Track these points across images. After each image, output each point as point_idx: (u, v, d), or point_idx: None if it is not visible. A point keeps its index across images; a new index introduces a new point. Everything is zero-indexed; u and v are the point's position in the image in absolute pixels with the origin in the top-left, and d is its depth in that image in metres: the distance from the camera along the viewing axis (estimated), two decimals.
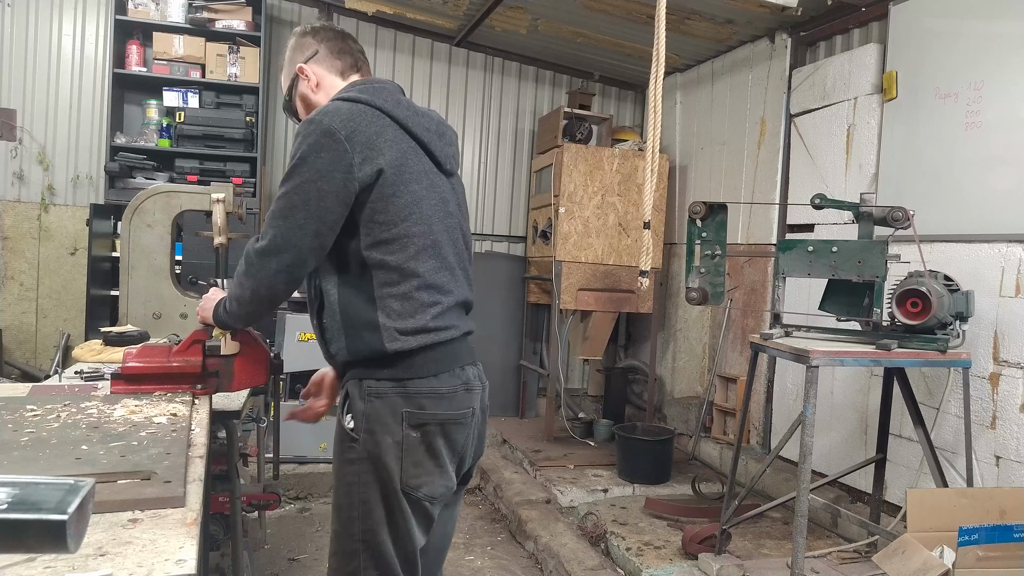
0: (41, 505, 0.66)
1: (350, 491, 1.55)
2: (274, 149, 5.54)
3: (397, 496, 1.54)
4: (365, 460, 1.54)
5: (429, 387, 1.56)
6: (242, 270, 1.57)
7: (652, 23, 2.99)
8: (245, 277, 1.57)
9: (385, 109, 1.59)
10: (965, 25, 3.22)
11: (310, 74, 1.76)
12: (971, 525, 2.32)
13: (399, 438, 1.53)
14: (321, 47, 1.78)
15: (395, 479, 1.53)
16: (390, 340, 1.53)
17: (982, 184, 3.10)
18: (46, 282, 5.12)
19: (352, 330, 1.56)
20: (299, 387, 4.37)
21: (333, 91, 1.73)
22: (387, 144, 1.55)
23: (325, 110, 1.55)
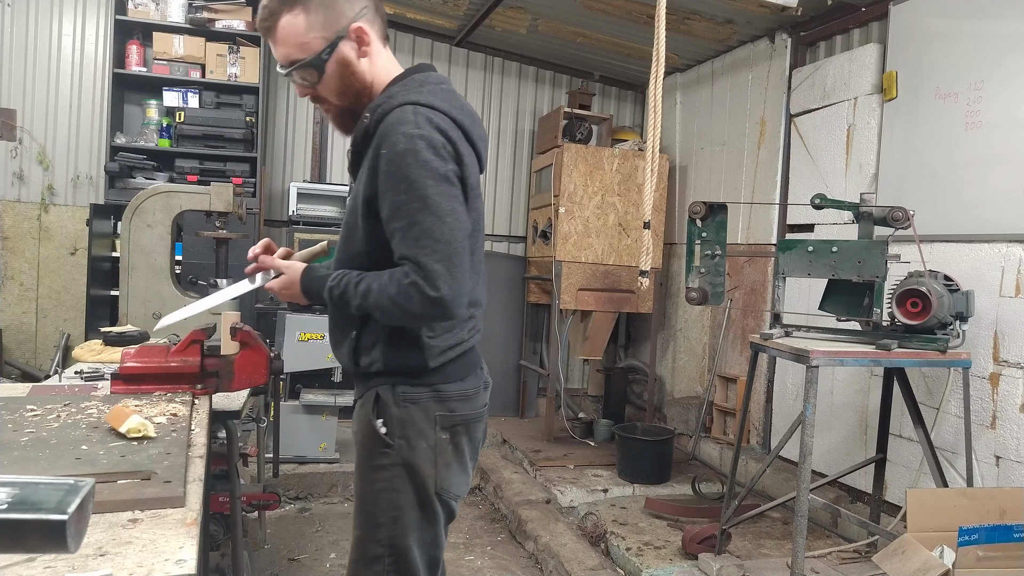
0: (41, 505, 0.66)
1: (379, 497, 1.52)
2: (274, 149, 5.54)
3: (431, 500, 1.53)
4: (399, 466, 1.51)
5: (459, 390, 1.56)
6: (401, 304, 1.40)
7: (652, 23, 2.99)
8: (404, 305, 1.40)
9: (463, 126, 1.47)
10: (965, 25, 3.22)
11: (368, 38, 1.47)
12: (971, 525, 2.32)
13: (433, 442, 1.52)
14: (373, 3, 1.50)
15: (430, 483, 1.52)
16: (432, 358, 1.52)
17: (982, 184, 3.10)
18: (46, 282, 5.12)
19: (393, 347, 1.51)
20: (299, 387, 4.39)
21: (383, 63, 1.50)
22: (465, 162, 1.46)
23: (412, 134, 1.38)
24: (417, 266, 1.37)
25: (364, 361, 1.53)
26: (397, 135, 1.38)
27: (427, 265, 1.36)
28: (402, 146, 1.37)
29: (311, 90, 1.49)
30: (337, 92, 1.48)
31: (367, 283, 1.43)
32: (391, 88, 1.48)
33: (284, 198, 5.41)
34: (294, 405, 4.09)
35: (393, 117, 1.41)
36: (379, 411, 1.52)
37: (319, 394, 4.17)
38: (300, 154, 5.61)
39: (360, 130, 1.48)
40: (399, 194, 1.37)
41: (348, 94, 1.49)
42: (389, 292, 1.39)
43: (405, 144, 1.37)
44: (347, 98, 1.50)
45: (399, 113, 1.41)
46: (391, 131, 1.39)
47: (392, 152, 1.37)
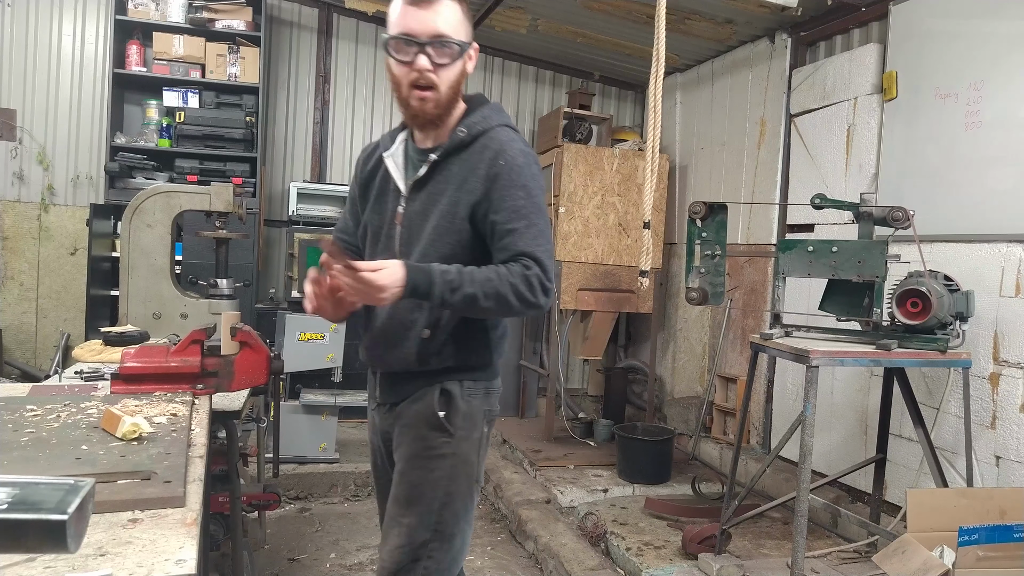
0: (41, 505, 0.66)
1: (436, 485, 1.61)
2: (274, 149, 5.54)
3: (473, 489, 1.67)
4: (455, 456, 1.63)
5: (497, 387, 1.74)
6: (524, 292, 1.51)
7: (652, 23, 2.99)
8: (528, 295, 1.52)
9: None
10: (965, 25, 3.22)
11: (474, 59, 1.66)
12: (971, 525, 2.32)
13: (479, 435, 1.68)
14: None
15: (474, 472, 1.67)
16: (497, 355, 1.71)
17: (982, 184, 3.10)
18: (46, 282, 5.13)
19: (465, 346, 1.64)
20: (299, 387, 4.38)
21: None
22: None
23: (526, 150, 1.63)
24: (536, 262, 1.53)
25: (435, 361, 1.63)
26: (515, 151, 1.60)
27: (543, 261, 1.54)
28: (521, 160, 1.59)
29: (431, 70, 1.56)
30: (450, 84, 1.59)
31: (486, 273, 1.52)
32: (480, 111, 1.66)
33: (284, 198, 5.41)
34: (294, 405, 4.09)
35: (501, 135, 1.62)
36: (445, 404, 1.63)
37: (319, 394, 4.17)
38: (300, 154, 5.62)
39: (455, 141, 1.62)
40: (518, 199, 1.56)
41: (453, 91, 1.61)
42: (513, 281, 1.51)
43: (523, 159, 1.60)
44: (451, 93, 1.61)
45: (503, 132, 1.63)
46: (505, 148, 1.60)
47: (512, 164, 1.58)
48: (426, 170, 1.64)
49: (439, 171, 1.64)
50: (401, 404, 1.69)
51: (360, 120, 5.74)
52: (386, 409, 1.75)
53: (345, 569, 3.22)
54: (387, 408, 1.74)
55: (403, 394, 1.68)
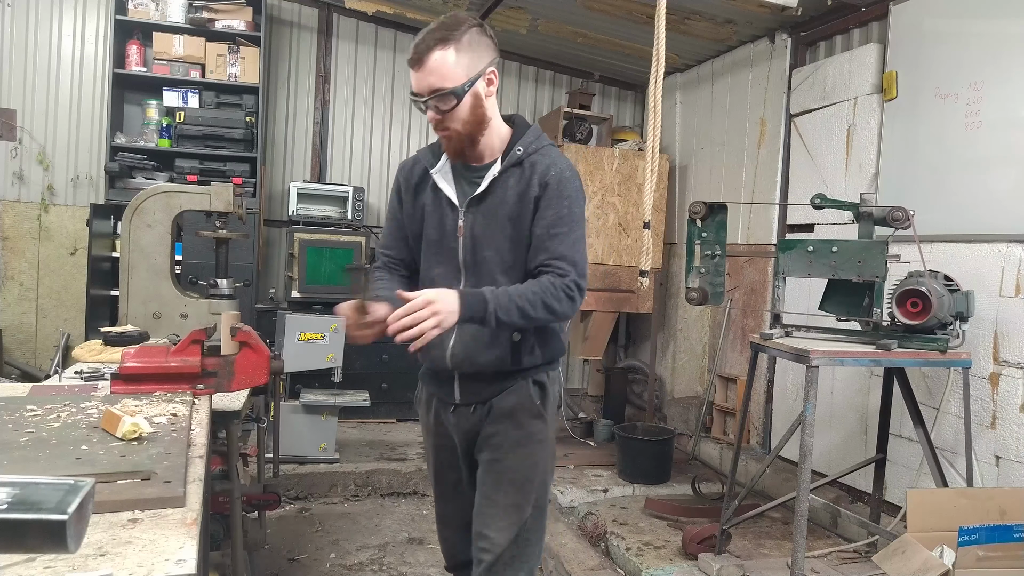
0: (41, 505, 0.66)
1: (536, 467, 1.82)
2: (274, 149, 5.54)
3: (555, 461, 1.91)
4: (548, 440, 1.85)
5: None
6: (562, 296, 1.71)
7: (652, 23, 2.99)
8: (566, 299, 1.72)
9: None
10: (965, 25, 3.22)
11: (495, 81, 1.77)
12: (971, 525, 2.32)
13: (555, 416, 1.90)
14: (498, 56, 1.79)
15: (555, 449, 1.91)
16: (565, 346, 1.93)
17: (982, 184, 3.10)
18: (46, 282, 5.12)
19: (546, 342, 1.84)
20: (299, 387, 4.38)
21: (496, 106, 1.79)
22: None
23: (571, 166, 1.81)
24: (573, 265, 1.74)
25: (527, 360, 1.81)
26: (563, 167, 1.78)
27: (580, 264, 1.76)
28: (568, 174, 1.78)
29: (440, 117, 1.71)
30: (464, 120, 1.72)
31: (528, 288, 1.70)
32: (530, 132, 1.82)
33: (284, 198, 5.41)
34: (294, 405, 4.09)
35: (551, 153, 1.80)
36: (539, 394, 1.83)
37: (319, 394, 4.17)
38: (300, 154, 5.62)
39: (514, 159, 1.78)
40: (563, 208, 1.74)
41: (472, 123, 1.73)
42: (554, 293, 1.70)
43: (570, 174, 1.78)
44: (470, 127, 1.73)
45: (552, 151, 1.81)
46: (555, 163, 1.77)
47: (561, 177, 1.76)
48: (486, 186, 1.77)
49: (496, 186, 1.78)
50: (494, 400, 1.82)
51: (360, 120, 5.74)
52: (470, 409, 1.85)
53: (345, 569, 3.22)
54: (472, 408, 1.85)
55: (496, 391, 1.82)
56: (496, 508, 1.79)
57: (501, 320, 1.66)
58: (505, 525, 1.78)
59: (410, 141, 5.86)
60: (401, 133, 5.84)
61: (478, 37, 1.72)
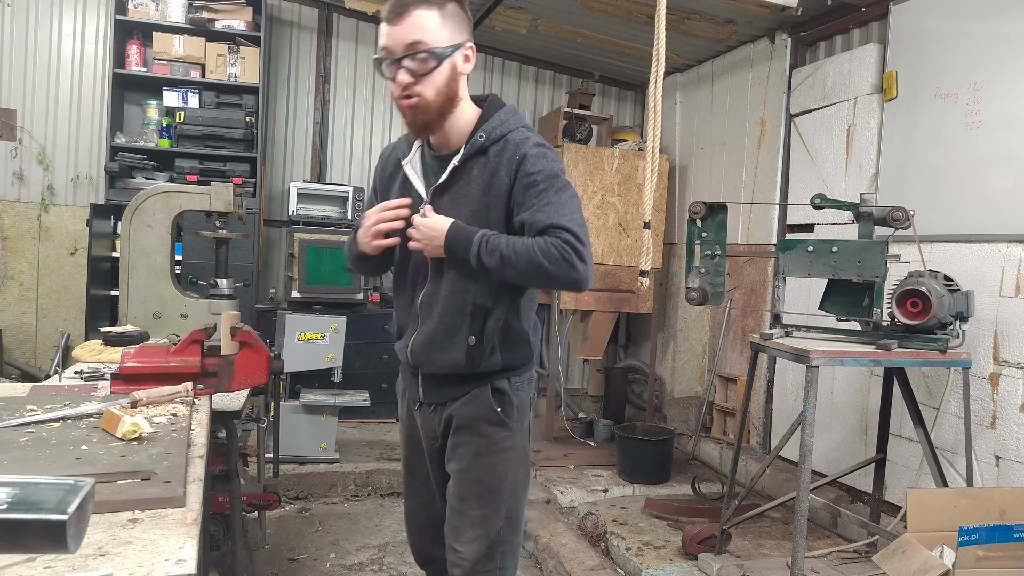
0: (41, 505, 0.66)
1: (504, 477, 1.74)
2: (274, 149, 5.54)
3: (529, 472, 1.82)
4: (515, 447, 1.75)
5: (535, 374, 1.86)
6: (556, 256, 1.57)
7: (652, 23, 2.99)
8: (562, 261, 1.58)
9: None
10: (965, 25, 3.22)
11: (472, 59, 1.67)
12: (971, 525, 2.32)
13: (528, 422, 1.81)
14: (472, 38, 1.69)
15: (529, 457, 1.82)
16: (534, 352, 1.82)
17: (982, 184, 3.10)
18: (46, 282, 5.12)
19: (509, 348, 1.74)
20: (299, 387, 4.38)
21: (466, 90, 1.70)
22: None
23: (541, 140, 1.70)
24: (573, 235, 1.58)
25: (484, 364, 1.71)
26: (529, 145, 1.65)
27: (580, 235, 1.59)
28: (535, 151, 1.65)
29: (412, 81, 1.59)
30: (438, 90, 1.61)
31: (522, 241, 1.59)
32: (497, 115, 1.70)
33: (284, 198, 5.41)
34: (294, 405, 4.09)
35: (516, 135, 1.67)
36: (499, 401, 1.73)
37: (319, 394, 4.17)
38: (300, 154, 5.62)
39: (475, 146, 1.67)
40: (537, 185, 1.62)
41: (444, 95, 1.62)
42: (550, 253, 1.56)
43: (537, 150, 1.65)
44: (441, 99, 1.62)
45: (518, 134, 1.68)
46: (523, 144, 1.66)
47: (528, 156, 1.64)
48: (447, 176, 1.69)
49: (460, 175, 1.69)
50: (452, 404, 1.75)
51: (360, 120, 5.74)
52: (431, 409, 1.81)
53: (345, 569, 3.22)
54: (432, 408, 1.80)
55: (453, 395, 1.75)
56: (464, 520, 1.73)
57: (484, 261, 1.60)
58: (473, 537, 1.72)
59: None
60: (401, 133, 5.82)
61: (460, 11, 1.64)
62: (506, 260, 1.58)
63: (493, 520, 1.73)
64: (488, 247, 1.60)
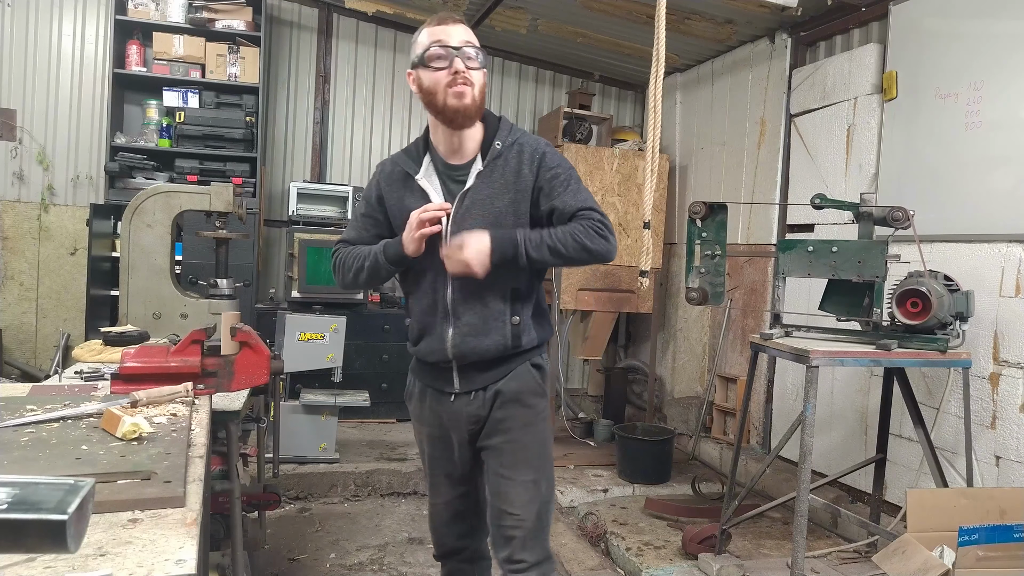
0: (41, 505, 0.66)
1: (545, 442, 1.95)
2: (274, 149, 5.54)
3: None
4: (547, 413, 1.97)
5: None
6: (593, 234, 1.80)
7: (652, 23, 2.99)
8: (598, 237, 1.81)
9: None
10: (965, 25, 3.22)
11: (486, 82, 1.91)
12: (971, 525, 2.32)
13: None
14: None
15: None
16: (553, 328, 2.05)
17: (982, 184, 3.10)
18: (46, 282, 5.12)
19: (540, 322, 1.96)
20: (299, 387, 4.38)
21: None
22: None
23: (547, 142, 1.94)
24: (600, 214, 1.84)
25: (525, 340, 1.90)
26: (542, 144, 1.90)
27: (603, 214, 1.86)
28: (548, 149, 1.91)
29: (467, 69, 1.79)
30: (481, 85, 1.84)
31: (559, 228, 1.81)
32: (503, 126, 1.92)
33: (284, 198, 5.41)
34: (294, 405, 4.09)
35: (527, 139, 1.91)
36: (541, 374, 1.95)
37: (319, 394, 4.17)
38: (300, 154, 5.62)
39: (495, 153, 1.87)
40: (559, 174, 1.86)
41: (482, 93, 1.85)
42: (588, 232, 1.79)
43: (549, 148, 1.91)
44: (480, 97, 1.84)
45: (527, 136, 1.93)
46: (538, 145, 1.90)
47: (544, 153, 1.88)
48: (474, 180, 1.85)
49: (482, 180, 1.86)
50: (497, 384, 1.90)
51: (360, 120, 5.74)
52: (470, 396, 1.92)
53: (345, 569, 3.22)
54: (472, 394, 1.92)
55: (498, 376, 1.90)
56: (517, 486, 1.89)
57: (531, 256, 1.77)
58: (529, 500, 1.88)
59: (410, 141, 5.84)
60: (401, 133, 5.84)
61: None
62: (553, 249, 1.78)
63: (541, 482, 1.91)
64: (532, 243, 1.78)
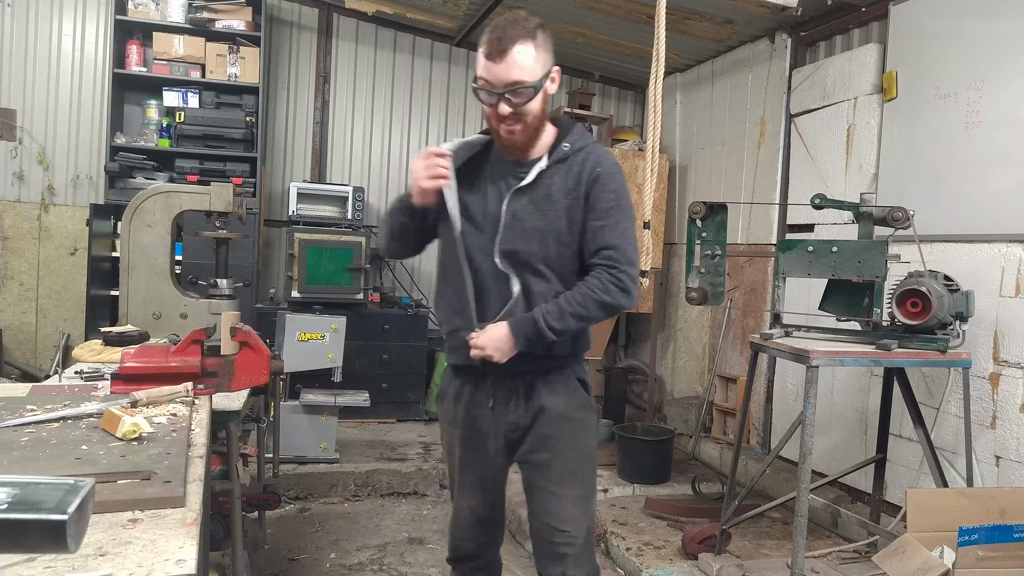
0: (41, 505, 0.66)
1: (591, 454, 1.94)
2: (274, 149, 5.54)
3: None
4: (593, 426, 1.96)
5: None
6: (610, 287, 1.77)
7: (652, 23, 2.99)
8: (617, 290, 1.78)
9: None
10: (965, 25, 3.22)
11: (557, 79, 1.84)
12: (971, 525, 2.32)
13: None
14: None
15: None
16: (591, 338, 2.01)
17: (982, 184, 3.10)
18: (46, 282, 5.12)
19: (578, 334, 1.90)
20: (299, 387, 4.38)
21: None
22: None
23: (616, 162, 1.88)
24: (621, 252, 1.79)
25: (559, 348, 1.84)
26: (609, 163, 1.84)
27: (629, 253, 1.81)
28: (612, 170, 1.84)
29: (512, 111, 1.75)
30: (534, 116, 1.78)
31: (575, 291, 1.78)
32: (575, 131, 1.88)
33: (284, 198, 5.41)
34: (294, 405, 4.09)
35: (596, 150, 1.86)
36: (586, 389, 1.94)
37: (319, 394, 4.17)
38: (300, 154, 5.62)
39: (561, 154, 1.83)
40: (609, 201, 1.80)
41: (539, 119, 1.80)
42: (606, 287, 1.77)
43: (615, 169, 1.85)
44: (537, 121, 1.80)
45: (598, 148, 1.88)
46: (601, 160, 1.83)
47: (607, 172, 1.82)
48: (533, 178, 1.81)
49: (541, 179, 1.82)
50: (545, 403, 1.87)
51: (360, 120, 5.74)
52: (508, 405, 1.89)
53: (345, 569, 3.22)
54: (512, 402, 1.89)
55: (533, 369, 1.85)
56: (566, 502, 1.88)
57: (555, 328, 1.75)
58: (579, 516, 1.89)
59: (410, 141, 5.86)
60: (401, 133, 5.84)
61: (546, 36, 1.79)
62: (576, 315, 1.76)
63: (591, 495, 1.94)
64: (553, 315, 1.76)
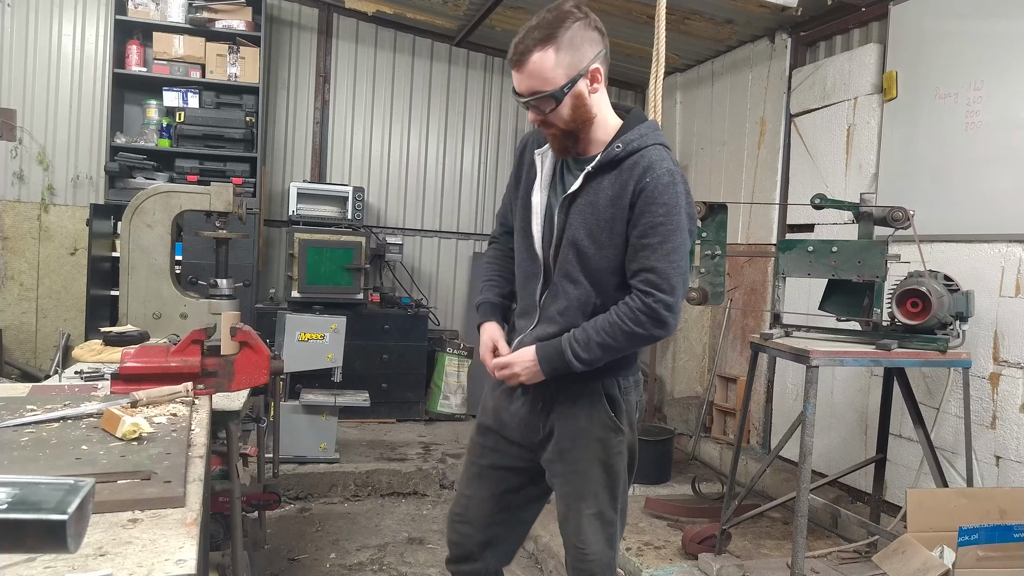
0: (41, 505, 0.66)
1: (618, 477, 1.83)
2: (274, 149, 5.54)
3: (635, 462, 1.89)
4: (628, 450, 1.84)
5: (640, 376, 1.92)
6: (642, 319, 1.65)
7: (652, 23, 2.99)
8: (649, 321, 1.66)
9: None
10: (965, 25, 3.22)
11: (600, 77, 1.71)
12: (971, 525, 2.32)
13: (636, 424, 1.87)
14: (606, 47, 1.74)
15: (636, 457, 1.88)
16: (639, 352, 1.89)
17: (982, 184, 3.10)
18: (46, 282, 5.12)
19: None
20: (299, 387, 4.38)
21: (604, 98, 1.75)
22: None
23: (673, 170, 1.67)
24: (662, 277, 1.64)
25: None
26: (662, 170, 1.65)
27: (671, 278, 1.65)
28: (666, 179, 1.64)
29: (543, 116, 1.68)
30: (565, 122, 1.68)
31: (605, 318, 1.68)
32: (637, 128, 1.72)
33: (284, 198, 5.41)
34: (294, 405, 4.09)
35: (652, 153, 1.68)
36: (614, 408, 1.79)
37: (319, 394, 4.17)
38: (300, 154, 5.62)
39: (610, 156, 1.69)
40: (657, 216, 1.64)
41: (576, 122, 1.69)
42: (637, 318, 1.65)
43: (668, 178, 1.65)
44: (574, 125, 1.69)
45: (655, 151, 1.68)
46: (655, 165, 1.65)
47: (657, 182, 1.64)
48: (580, 183, 1.71)
49: (591, 183, 1.71)
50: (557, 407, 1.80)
51: (360, 120, 5.74)
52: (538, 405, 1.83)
53: (345, 569, 3.22)
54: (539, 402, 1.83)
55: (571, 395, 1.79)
56: (583, 519, 1.82)
57: (583, 358, 1.68)
58: (599, 534, 1.82)
59: (410, 141, 5.86)
60: (401, 133, 5.84)
61: (582, 32, 1.66)
62: (603, 345, 1.67)
63: (609, 515, 1.82)
64: (580, 344, 1.68)
